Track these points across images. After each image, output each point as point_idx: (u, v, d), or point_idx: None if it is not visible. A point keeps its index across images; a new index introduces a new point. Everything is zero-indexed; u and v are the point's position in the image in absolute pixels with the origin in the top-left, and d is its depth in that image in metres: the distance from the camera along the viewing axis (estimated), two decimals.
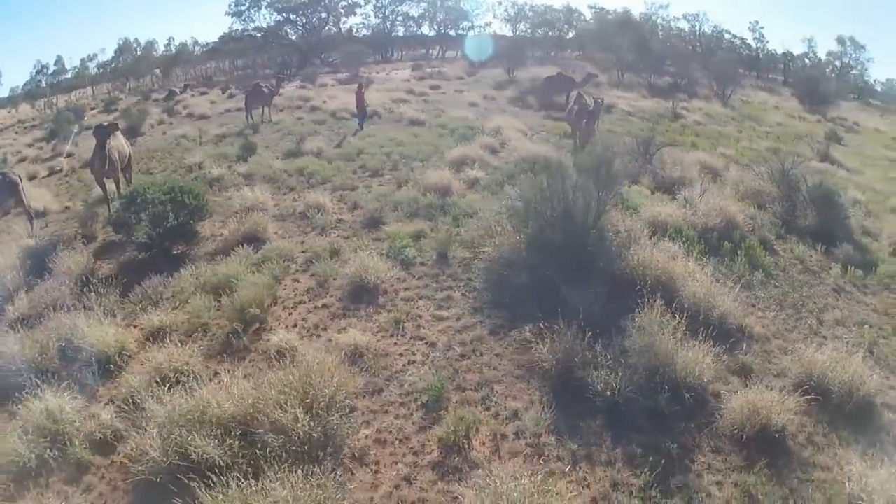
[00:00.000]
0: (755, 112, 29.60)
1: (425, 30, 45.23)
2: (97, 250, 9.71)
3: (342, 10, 43.92)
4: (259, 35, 41.21)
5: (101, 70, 38.71)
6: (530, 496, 4.47)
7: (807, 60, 39.81)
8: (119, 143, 11.52)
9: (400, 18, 44.55)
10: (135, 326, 7.19)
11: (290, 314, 7.29)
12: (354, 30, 43.74)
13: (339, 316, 7.22)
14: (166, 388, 5.68)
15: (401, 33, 45.11)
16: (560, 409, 5.63)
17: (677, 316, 6.39)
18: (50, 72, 36.48)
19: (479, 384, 6.05)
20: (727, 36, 41.57)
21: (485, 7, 43.02)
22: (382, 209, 10.23)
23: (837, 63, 39.48)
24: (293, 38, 41.26)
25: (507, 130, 16.32)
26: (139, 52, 39.33)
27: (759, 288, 8.30)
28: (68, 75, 37.15)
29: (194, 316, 7.09)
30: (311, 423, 5.08)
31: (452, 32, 45.54)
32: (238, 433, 5.03)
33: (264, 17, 41.68)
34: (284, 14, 41.57)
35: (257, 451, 4.87)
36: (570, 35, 43.24)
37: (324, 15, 42.51)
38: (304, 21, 41.96)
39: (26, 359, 6.47)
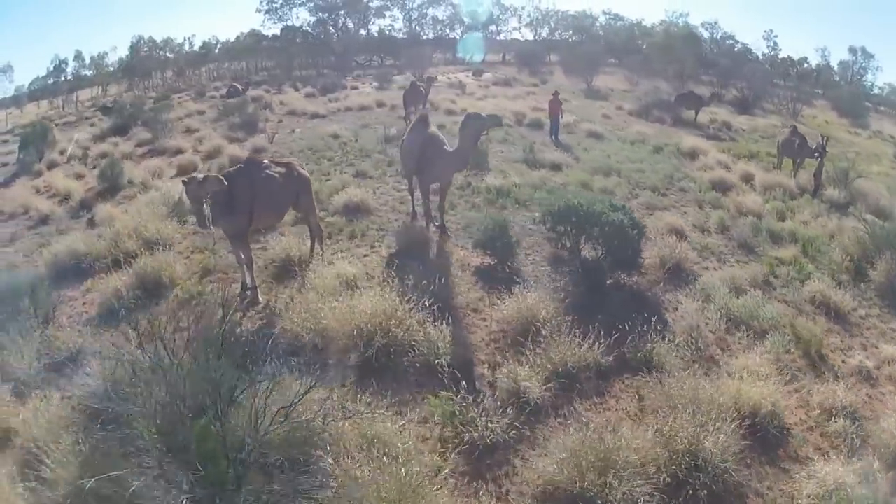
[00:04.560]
0: (824, 129, 30.55)
1: (456, 34, 44.42)
2: None
3: (373, 12, 42.53)
4: (288, 35, 39.14)
5: (118, 67, 35.32)
6: None
7: (806, 65, 40.62)
8: None
9: (430, 21, 43.57)
10: None
11: None
12: (386, 31, 42.44)
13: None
14: None
15: (430, 36, 44.18)
16: None
17: None
18: (68, 67, 32.55)
19: None
20: (729, 42, 42.49)
21: (509, 13, 42.32)
22: (746, 234, 9.88)
23: (848, 72, 40.77)
24: (333, 38, 39.40)
25: (710, 152, 15.83)
26: (164, 51, 36.01)
27: None
28: (88, 72, 33.54)
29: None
30: None
31: (479, 35, 45.02)
32: None
33: (297, 17, 39.78)
34: (320, 14, 39.72)
35: None
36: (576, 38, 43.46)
37: (358, 16, 40.94)
38: (341, 23, 40.28)
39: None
